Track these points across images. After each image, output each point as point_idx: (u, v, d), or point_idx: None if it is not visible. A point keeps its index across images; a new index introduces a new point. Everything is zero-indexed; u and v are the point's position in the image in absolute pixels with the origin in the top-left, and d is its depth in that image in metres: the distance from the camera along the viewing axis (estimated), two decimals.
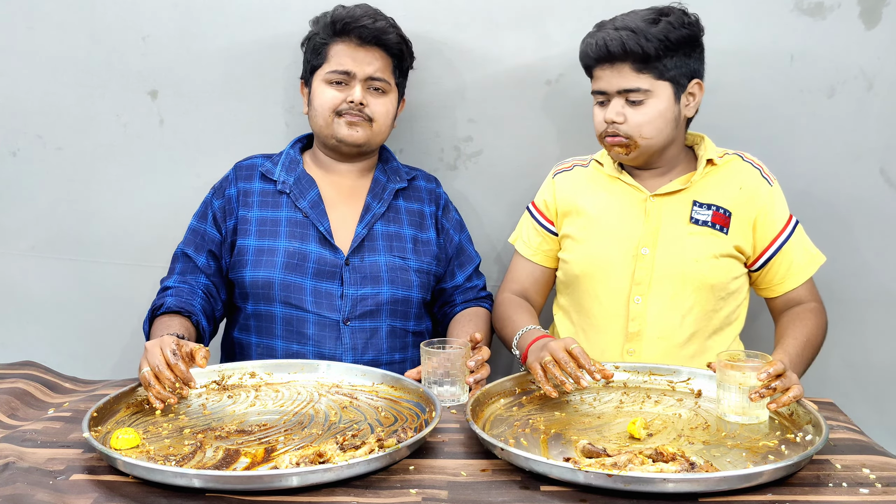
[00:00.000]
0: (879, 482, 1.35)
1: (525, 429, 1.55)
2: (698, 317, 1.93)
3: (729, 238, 1.91)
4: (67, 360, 2.05)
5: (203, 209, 2.08)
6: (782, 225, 1.95)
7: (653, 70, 1.86)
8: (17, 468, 1.40)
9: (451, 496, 1.31)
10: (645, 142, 1.89)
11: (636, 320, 1.93)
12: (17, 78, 2.28)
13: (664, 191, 1.95)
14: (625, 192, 1.99)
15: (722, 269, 1.92)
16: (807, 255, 1.97)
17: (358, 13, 2.00)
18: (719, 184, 1.95)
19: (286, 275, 1.97)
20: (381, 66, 2.02)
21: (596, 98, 1.94)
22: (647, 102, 1.87)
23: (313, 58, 2.03)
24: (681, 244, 1.92)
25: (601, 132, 1.93)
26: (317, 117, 2.02)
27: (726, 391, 1.57)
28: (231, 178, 2.08)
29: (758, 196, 1.93)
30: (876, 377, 2.30)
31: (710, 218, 1.92)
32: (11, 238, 2.36)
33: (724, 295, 1.94)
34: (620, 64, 1.86)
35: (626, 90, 1.87)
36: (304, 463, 1.34)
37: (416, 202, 2.12)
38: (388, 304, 2.00)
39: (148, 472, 1.33)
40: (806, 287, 1.97)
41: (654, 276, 1.92)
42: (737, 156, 1.99)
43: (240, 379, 1.80)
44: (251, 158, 2.11)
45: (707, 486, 1.28)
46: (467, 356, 1.72)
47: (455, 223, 2.16)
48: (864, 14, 2.13)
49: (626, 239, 1.94)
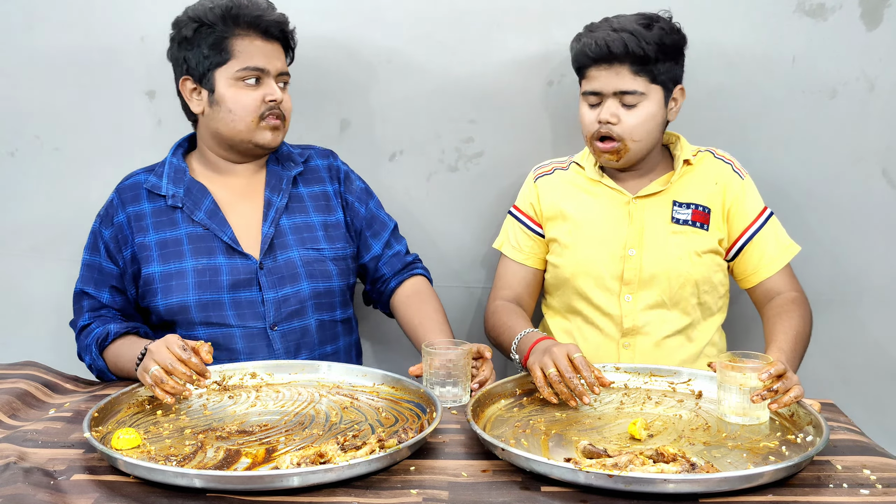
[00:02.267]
0: (880, 483, 1.35)
1: (526, 429, 1.55)
2: (685, 310, 1.99)
3: (710, 234, 1.98)
4: (68, 360, 2.05)
5: (93, 240, 1.97)
6: (755, 215, 2.00)
7: (648, 73, 1.89)
8: (18, 468, 1.39)
9: (451, 497, 1.31)
10: (634, 145, 1.93)
11: (629, 317, 1.99)
12: (16, 78, 2.28)
13: (645, 193, 2.00)
14: (607, 195, 2.03)
15: (705, 264, 1.98)
16: (780, 245, 2.01)
17: (261, 5, 1.90)
18: (696, 182, 2.00)
19: (201, 294, 1.89)
20: (284, 60, 1.96)
21: (587, 99, 1.95)
22: (640, 105, 1.91)
23: (212, 54, 1.88)
24: (665, 244, 1.97)
25: (592, 133, 1.95)
26: (235, 122, 1.90)
27: (727, 392, 1.57)
28: (116, 204, 1.96)
29: (730, 189, 1.99)
30: (877, 378, 2.30)
31: (690, 217, 1.98)
32: (11, 238, 2.36)
33: (708, 288, 2.00)
34: (619, 65, 1.88)
35: (623, 91, 1.89)
36: (305, 463, 1.34)
37: (317, 184, 2.06)
38: (311, 299, 1.95)
39: (149, 472, 1.33)
40: (783, 276, 2.00)
41: (642, 275, 1.97)
42: (709, 153, 2.04)
43: (240, 379, 1.80)
44: (132, 176, 2.00)
45: (708, 486, 1.28)
46: (470, 357, 1.72)
47: (360, 193, 2.09)
48: (866, 15, 2.13)
49: (613, 241, 1.99)
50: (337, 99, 2.27)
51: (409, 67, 2.25)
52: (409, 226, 2.23)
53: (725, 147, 2.16)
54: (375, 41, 2.24)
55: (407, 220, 2.22)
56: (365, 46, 2.24)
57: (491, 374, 1.79)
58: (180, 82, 1.94)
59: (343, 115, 2.28)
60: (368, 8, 2.22)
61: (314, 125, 2.28)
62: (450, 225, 2.34)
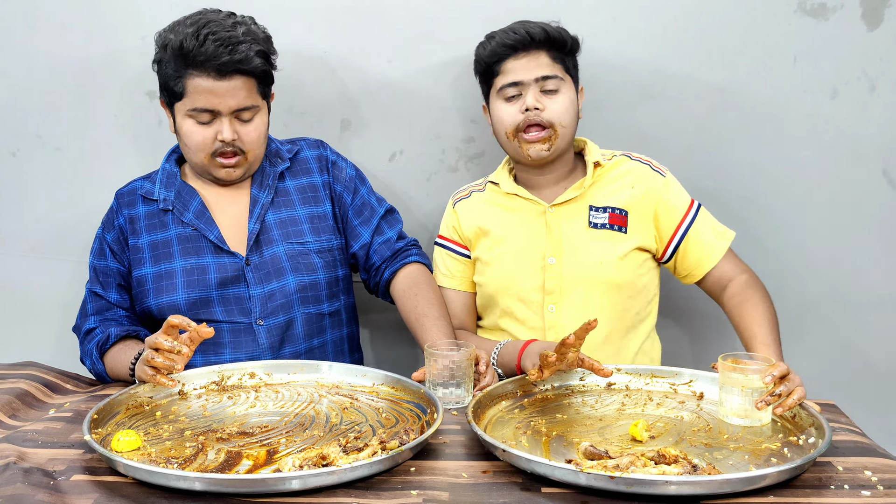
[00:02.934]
0: (881, 484, 1.35)
1: (527, 431, 1.55)
2: (610, 316, 1.97)
3: (629, 237, 1.97)
4: (68, 360, 2.05)
5: (98, 245, 2.02)
6: (684, 211, 1.99)
7: (563, 62, 1.95)
8: (18, 468, 1.39)
9: (452, 498, 1.31)
10: (563, 130, 1.93)
11: (553, 329, 1.97)
12: (17, 78, 2.27)
13: (561, 200, 1.99)
14: (523, 207, 2.03)
15: (626, 268, 1.96)
16: (716, 233, 2.01)
17: (210, 48, 1.81)
18: (611, 185, 2.00)
19: (189, 293, 1.92)
20: (246, 94, 1.88)
21: (504, 93, 1.95)
22: (561, 91, 1.93)
23: (171, 84, 1.88)
24: (583, 249, 1.97)
25: (517, 125, 1.93)
26: (191, 155, 1.93)
27: (728, 393, 1.57)
28: (115, 208, 2.01)
29: (653, 190, 1.98)
30: (878, 379, 2.30)
31: (607, 220, 1.97)
32: (11, 238, 2.36)
33: (633, 293, 1.99)
34: (537, 52, 1.92)
35: (545, 77, 1.92)
36: (307, 465, 1.34)
37: (305, 176, 2.06)
38: (296, 292, 1.97)
39: (150, 475, 1.33)
40: (728, 262, 2.00)
41: (563, 283, 1.96)
42: (625, 156, 2.03)
43: (239, 379, 1.80)
44: (130, 184, 2.04)
45: (709, 488, 1.28)
46: (472, 359, 1.72)
47: (348, 181, 2.09)
48: (867, 15, 2.13)
49: (532, 252, 1.99)
50: (337, 99, 2.27)
51: (409, 67, 2.24)
52: (408, 226, 2.23)
53: (726, 146, 2.17)
54: (376, 41, 2.23)
55: (407, 220, 2.21)
56: (365, 45, 2.24)
57: (493, 380, 1.79)
58: (160, 101, 1.97)
59: (343, 115, 2.28)
60: (369, 7, 2.21)
61: (314, 125, 2.27)
62: None
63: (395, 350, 2.41)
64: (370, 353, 2.43)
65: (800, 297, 2.23)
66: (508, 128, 1.95)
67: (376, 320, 2.41)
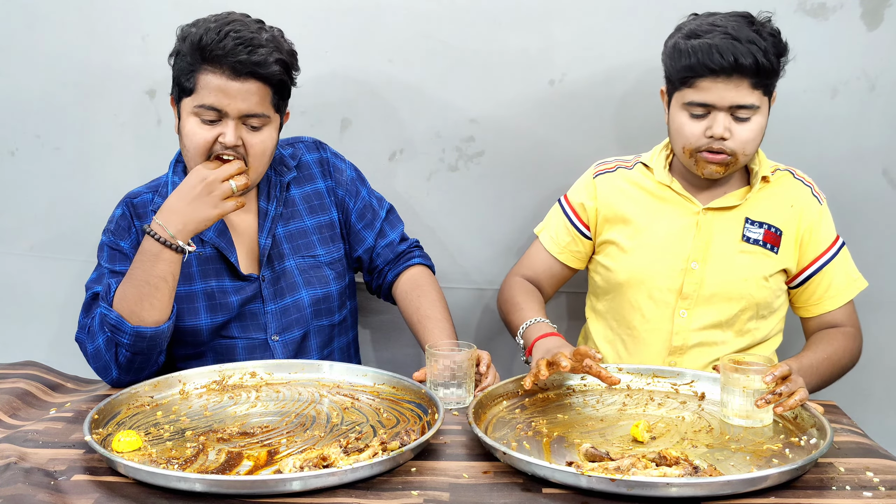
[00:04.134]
0: (883, 485, 1.35)
1: (528, 431, 1.55)
2: (740, 332, 1.91)
3: (779, 258, 1.89)
4: (68, 359, 2.05)
5: (109, 253, 1.88)
6: (828, 244, 1.92)
7: (765, 87, 1.78)
8: (19, 468, 1.39)
9: (452, 498, 1.31)
10: (745, 158, 1.82)
11: (680, 334, 1.91)
12: (16, 77, 2.27)
13: (717, 205, 1.90)
14: (675, 202, 1.94)
15: (769, 288, 1.90)
16: (848, 279, 1.93)
17: (230, 43, 1.74)
18: (771, 200, 1.91)
19: (214, 318, 1.88)
20: (258, 100, 1.79)
21: (691, 110, 1.80)
22: (753, 118, 1.78)
23: (182, 79, 1.80)
24: (732, 262, 1.88)
25: (697, 146, 1.81)
26: (188, 158, 1.83)
27: (730, 394, 1.57)
28: (129, 215, 1.90)
29: (807, 213, 1.90)
30: (879, 380, 2.30)
31: (762, 237, 1.88)
32: (11, 238, 2.36)
33: (767, 314, 1.92)
34: (740, 78, 1.73)
35: (740, 106, 1.76)
36: (308, 467, 1.34)
37: (309, 183, 2.02)
38: (310, 306, 1.95)
39: (150, 476, 1.33)
40: (844, 311, 1.93)
41: (701, 291, 1.89)
42: (788, 172, 1.95)
43: (240, 379, 1.79)
44: (140, 195, 1.93)
45: (711, 490, 1.28)
46: (474, 360, 1.72)
47: (349, 184, 2.04)
48: (867, 15, 2.13)
49: (677, 252, 1.90)
50: (337, 99, 2.27)
51: (409, 67, 2.24)
52: (409, 226, 2.22)
53: None
54: (376, 41, 2.23)
55: (407, 220, 2.21)
56: (365, 45, 2.24)
57: (494, 380, 1.78)
58: (170, 98, 1.89)
59: (343, 115, 2.28)
60: (369, 7, 2.21)
61: (314, 125, 2.27)
62: (450, 225, 2.34)
63: (395, 351, 2.41)
64: (371, 354, 2.43)
65: None
66: (688, 144, 1.82)
67: (376, 321, 2.41)
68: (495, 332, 2.38)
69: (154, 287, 1.73)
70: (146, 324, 1.74)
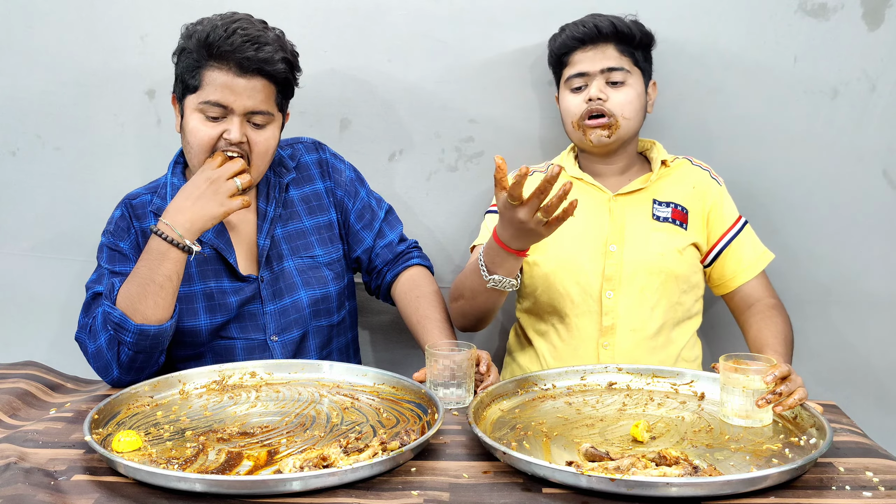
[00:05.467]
0: (882, 485, 1.35)
1: (527, 431, 1.55)
2: (665, 308, 2.00)
3: (688, 233, 2.01)
4: (68, 359, 2.05)
5: (109, 254, 1.89)
6: (731, 221, 2.04)
7: (631, 55, 1.99)
8: (19, 468, 1.39)
9: (452, 498, 1.31)
10: (625, 122, 1.98)
11: (609, 314, 1.99)
12: (16, 77, 2.27)
13: (626, 190, 2.04)
14: (588, 192, 2.05)
15: (685, 261, 2.00)
16: (756, 251, 2.05)
17: (238, 40, 1.76)
18: (674, 184, 2.05)
19: (213, 319, 1.89)
20: (264, 98, 1.82)
21: (571, 83, 2.00)
22: (627, 83, 1.98)
23: (187, 77, 1.82)
24: (646, 239, 2.00)
25: (581, 115, 1.98)
26: (191, 155, 1.85)
27: (730, 394, 1.57)
28: (129, 216, 1.91)
29: (708, 193, 2.04)
30: (879, 380, 2.30)
31: (670, 214, 2.02)
32: (11, 238, 2.36)
33: (687, 288, 2.02)
34: (604, 45, 1.97)
35: (611, 68, 1.97)
36: (308, 467, 1.34)
37: (308, 183, 2.03)
38: (309, 307, 1.96)
39: (150, 476, 1.33)
40: (760, 283, 2.04)
41: (623, 271, 1.98)
42: (686, 160, 2.09)
43: (240, 379, 1.79)
44: (139, 196, 1.95)
45: (710, 490, 1.28)
46: (473, 359, 1.72)
47: (348, 185, 2.06)
48: (868, 15, 2.13)
49: (594, 237, 2.01)
50: (337, 99, 2.27)
51: (408, 67, 2.24)
52: (408, 226, 2.23)
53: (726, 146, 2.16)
54: (375, 40, 2.23)
55: (407, 220, 2.21)
56: (365, 45, 2.24)
57: (495, 381, 1.78)
58: (172, 97, 1.91)
59: (343, 115, 2.28)
60: (369, 7, 2.21)
61: (314, 125, 2.27)
62: (450, 225, 2.34)
63: (395, 351, 2.41)
64: (371, 354, 2.43)
65: (800, 297, 2.23)
66: (573, 117, 2.00)
67: (376, 321, 2.41)
68: (495, 332, 2.39)
69: (159, 286, 1.74)
70: (150, 322, 1.74)
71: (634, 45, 1.99)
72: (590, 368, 1.79)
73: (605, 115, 1.96)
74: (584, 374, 1.78)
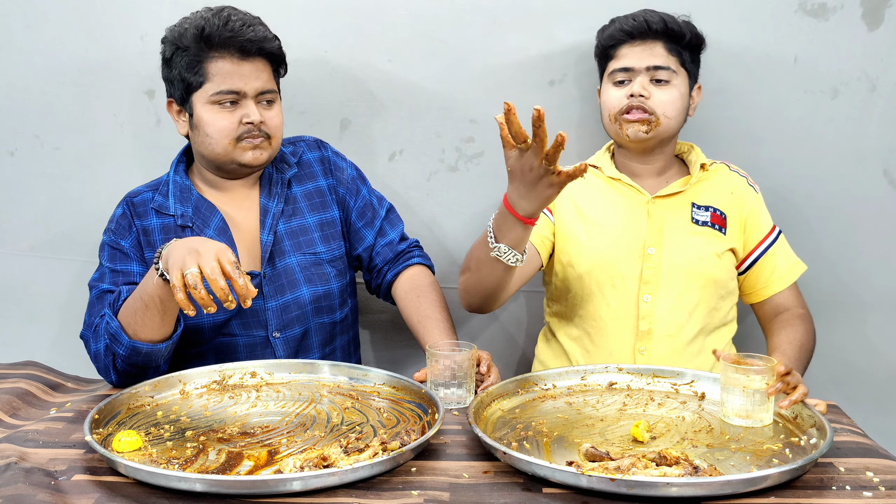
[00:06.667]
0: (883, 485, 1.35)
1: (528, 431, 1.55)
2: (703, 314, 1.97)
3: (727, 238, 1.99)
4: (68, 359, 2.05)
5: (110, 252, 1.90)
6: (767, 230, 2.03)
7: (679, 55, 1.95)
8: (19, 468, 1.39)
9: (452, 498, 1.31)
10: (666, 121, 1.94)
11: (646, 319, 1.96)
12: (15, 77, 2.28)
13: (664, 193, 2.00)
14: (625, 193, 2.02)
15: (723, 266, 1.97)
16: (789, 262, 2.04)
17: (236, 25, 1.82)
18: (712, 188, 2.02)
19: (214, 315, 1.88)
20: (268, 76, 1.89)
21: (614, 77, 1.96)
22: (672, 83, 1.94)
23: (188, 75, 1.85)
24: (685, 243, 1.97)
25: (620, 109, 1.94)
26: (213, 145, 1.87)
27: (730, 394, 1.57)
28: (128, 215, 1.92)
29: (746, 200, 2.02)
30: (880, 380, 2.30)
31: (709, 218, 1.99)
32: (11, 238, 2.36)
33: (724, 293, 1.99)
34: (653, 42, 1.94)
35: (656, 67, 1.93)
36: (308, 467, 1.34)
37: (310, 180, 2.04)
38: (310, 303, 1.96)
39: (151, 476, 1.33)
40: (790, 293, 2.04)
41: (661, 274, 1.95)
42: (724, 165, 2.07)
43: (240, 379, 1.79)
44: (140, 194, 1.96)
45: (711, 490, 1.28)
46: (474, 360, 1.72)
47: (349, 182, 2.07)
48: (867, 15, 2.13)
49: (632, 239, 1.98)
50: (337, 99, 2.27)
51: (409, 67, 2.24)
52: (409, 226, 2.23)
53: (726, 147, 2.16)
54: (376, 40, 2.23)
55: (407, 220, 2.21)
56: (365, 45, 2.24)
57: (496, 381, 1.78)
58: (167, 104, 1.94)
59: (343, 115, 2.28)
60: (369, 7, 2.21)
61: (314, 125, 2.27)
62: (450, 225, 2.34)
63: (395, 351, 2.41)
64: (371, 354, 2.43)
65: None
66: (612, 111, 1.97)
67: (376, 321, 2.41)
68: (495, 332, 2.39)
69: (145, 305, 1.70)
70: (141, 340, 1.73)
71: (683, 45, 1.96)
72: (590, 368, 1.79)
73: (646, 110, 1.92)
74: (585, 374, 1.78)
